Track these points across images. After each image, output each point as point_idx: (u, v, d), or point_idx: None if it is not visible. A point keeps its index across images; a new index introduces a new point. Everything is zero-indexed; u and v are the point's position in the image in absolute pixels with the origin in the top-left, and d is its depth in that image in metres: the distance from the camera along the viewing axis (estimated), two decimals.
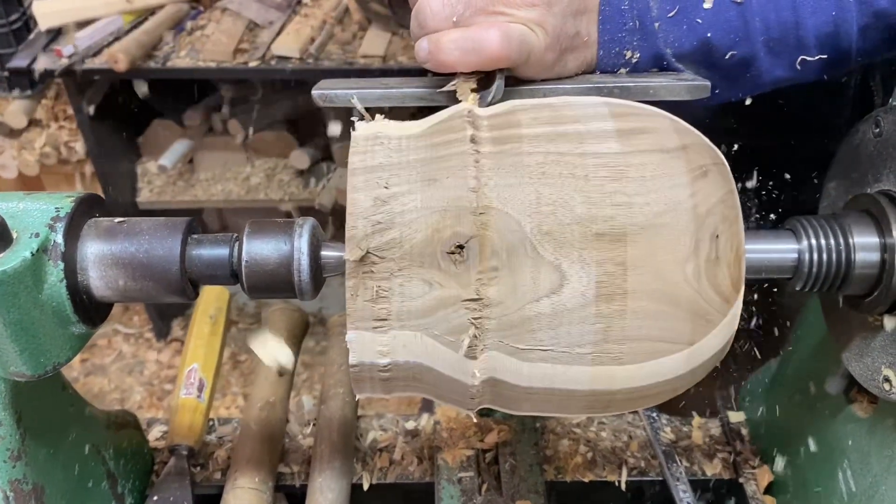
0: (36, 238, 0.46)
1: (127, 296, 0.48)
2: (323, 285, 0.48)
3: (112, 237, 0.47)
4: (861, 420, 0.61)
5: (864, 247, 0.49)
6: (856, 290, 0.50)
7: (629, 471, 0.77)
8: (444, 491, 0.74)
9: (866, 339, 0.53)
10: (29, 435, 0.54)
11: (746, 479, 0.76)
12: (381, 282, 0.44)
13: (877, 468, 0.58)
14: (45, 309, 0.47)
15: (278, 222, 0.47)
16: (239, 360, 2.34)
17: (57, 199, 0.48)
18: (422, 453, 0.78)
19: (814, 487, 0.67)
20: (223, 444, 0.80)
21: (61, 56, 1.78)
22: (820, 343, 0.65)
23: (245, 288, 0.47)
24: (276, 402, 0.80)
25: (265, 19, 1.91)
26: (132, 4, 1.88)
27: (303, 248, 0.46)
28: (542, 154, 0.45)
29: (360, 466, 0.77)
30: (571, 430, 0.80)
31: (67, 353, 0.49)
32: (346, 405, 0.80)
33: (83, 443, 0.63)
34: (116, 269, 0.47)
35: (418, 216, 0.44)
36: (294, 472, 0.77)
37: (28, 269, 0.45)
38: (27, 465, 0.54)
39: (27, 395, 0.53)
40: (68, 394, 0.62)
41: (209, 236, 0.48)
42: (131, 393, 2.27)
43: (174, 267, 0.47)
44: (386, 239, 0.44)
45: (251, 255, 0.46)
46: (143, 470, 0.75)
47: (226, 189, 2.18)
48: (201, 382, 0.79)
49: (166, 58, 1.83)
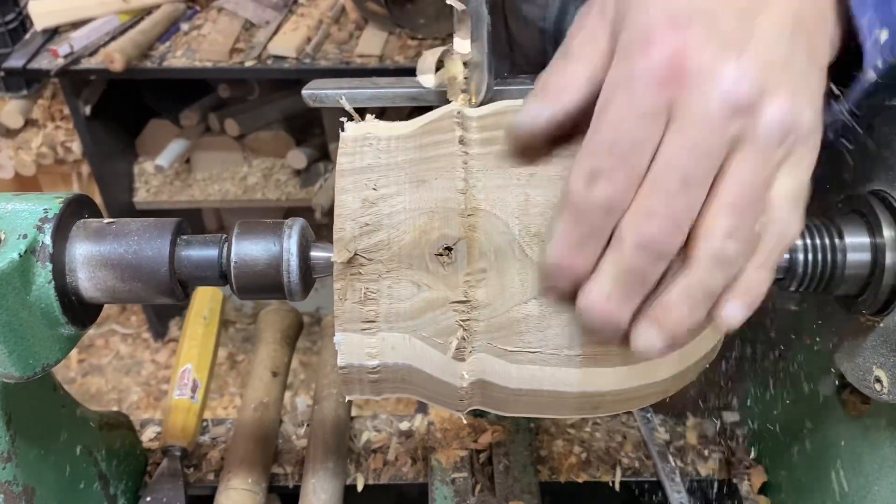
0: (24, 239, 0.46)
1: (116, 297, 0.48)
2: (313, 286, 0.48)
3: (101, 238, 0.47)
4: (854, 420, 0.61)
5: (855, 247, 0.48)
6: (847, 291, 0.50)
7: (623, 471, 0.77)
8: (437, 492, 0.74)
9: (858, 340, 0.53)
10: (19, 436, 0.54)
11: (740, 479, 0.76)
12: (369, 283, 0.44)
13: (869, 468, 0.58)
14: (34, 310, 0.46)
15: (267, 223, 0.47)
16: (236, 360, 2.34)
17: (45, 201, 0.48)
18: (416, 454, 0.78)
19: (807, 488, 0.67)
20: (216, 445, 0.80)
21: (57, 56, 1.78)
22: (813, 343, 0.65)
23: (234, 289, 0.47)
24: (269, 402, 0.80)
25: (261, 19, 1.91)
26: (128, 4, 1.88)
27: (292, 248, 0.46)
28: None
29: (353, 467, 0.77)
30: (566, 431, 0.80)
31: (57, 355, 0.49)
32: (340, 406, 0.80)
33: (75, 444, 0.63)
34: (105, 270, 0.47)
35: (406, 217, 0.44)
36: (288, 473, 0.77)
37: (16, 271, 0.45)
38: (17, 467, 0.54)
39: (17, 396, 0.53)
40: (59, 394, 0.61)
41: (198, 237, 0.48)
42: (128, 393, 2.27)
43: (163, 268, 0.47)
44: (374, 241, 0.43)
45: (240, 256, 0.46)
46: (136, 471, 0.75)
47: (223, 189, 2.18)
48: (195, 383, 0.79)
49: (162, 57, 1.83)
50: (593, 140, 0.38)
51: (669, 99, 0.37)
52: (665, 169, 0.37)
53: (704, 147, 0.37)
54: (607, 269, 0.39)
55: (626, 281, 0.39)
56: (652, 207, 0.38)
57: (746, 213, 0.38)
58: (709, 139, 0.37)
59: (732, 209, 0.38)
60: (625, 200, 0.38)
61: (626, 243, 0.38)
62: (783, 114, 0.37)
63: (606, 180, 0.38)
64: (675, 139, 0.37)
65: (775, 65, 0.38)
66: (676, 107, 0.37)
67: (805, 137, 0.39)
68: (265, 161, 2.23)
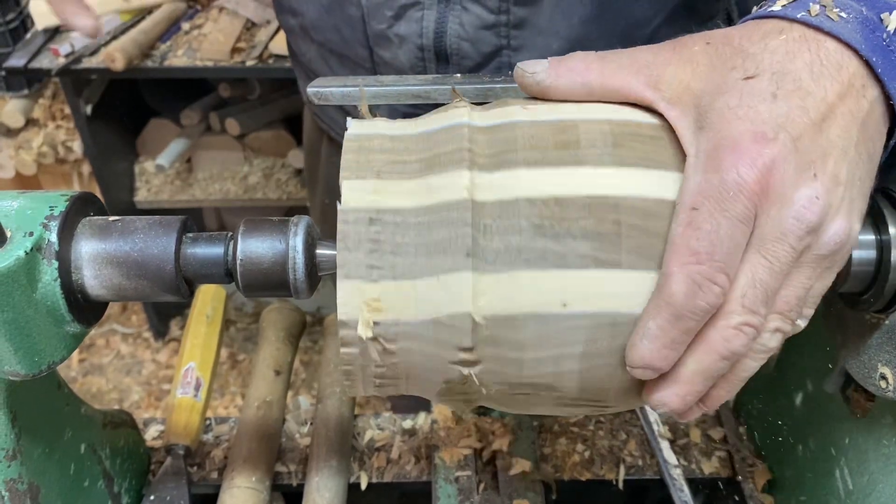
0: (30, 237, 0.46)
1: (121, 295, 0.48)
2: (318, 284, 0.48)
3: (106, 236, 0.47)
4: (858, 418, 0.61)
5: (861, 244, 0.49)
6: (852, 288, 0.50)
7: (627, 469, 0.77)
8: (441, 490, 0.74)
9: (863, 337, 0.53)
10: (24, 434, 0.54)
11: (744, 477, 0.76)
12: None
13: (874, 466, 0.58)
14: (40, 308, 0.46)
15: (273, 221, 0.47)
16: (238, 359, 2.34)
17: (51, 198, 0.48)
18: (419, 452, 0.78)
19: (811, 486, 0.67)
20: (220, 444, 0.80)
21: (58, 55, 1.78)
22: (817, 341, 0.65)
23: (240, 287, 0.47)
24: (273, 401, 0.80)
25: (262, 18, 1.91)
26: (129, 4, 1.88)
27: (298, 246, 0.46)
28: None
29: (357, 465, 0.77)
30: (569, 429, 0.80)
31: (62, 353, 0.49)
32: (343, 404, 0.80)
33: (79, 442, 0.63)
34: (111, 267, 0.47)
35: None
36: (291, 472, 0.77)
37: (22, 268, 0.45)
38: (22, 465, 0.54)
39: (22, 394, 0.53)
40: (64, 393, 0.61)
41: (204, 235, 0.48)
42: (129, 393, 2.27)
43: (169, 266, 0.47)
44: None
45: (246, 253, 0.46)
46: (140, 469, 0.75)
47: (223, 188, 2.18)
48: (198, 381, 0.79)
49: (163, 57, 1.83)
50: (691, 246, 0.40)
51: (756, 210, 0.40)
52: (752, 285, 0.40)
53: (780, 265, 0.40)
54: (690, 372, 0.42)
55: (704, 384, 0.43)
56: (743, 323, 0.41)
57: (792, 314, 0.42)
58: (784, 257, 0.40)
59: (781, 312, 0.42)
60: (719, 307, 0.41)
61: (713, 353, 0.41)
62: (843, 232, 0.41)
63: (709, 287, 0.40)
64: (755, 256, 0.40)
65: (841, 182, 0.41)
66: (758, 222, 0.40)
67: (850, 249, 0.43)
68: (266, 160, 2.23)
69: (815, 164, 0.40)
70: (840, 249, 0.42)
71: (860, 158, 0.42)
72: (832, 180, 0.40)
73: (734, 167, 0.40)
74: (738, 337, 0.41)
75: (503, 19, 0.76)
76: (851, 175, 0.41)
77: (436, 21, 0.77)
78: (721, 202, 0.40)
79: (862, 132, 0.42)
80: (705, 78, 0.43)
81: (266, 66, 1.82)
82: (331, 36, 0.86)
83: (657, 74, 0.45)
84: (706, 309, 0.40)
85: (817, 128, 0.40)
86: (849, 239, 0.42)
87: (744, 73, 0.42)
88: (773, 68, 0.41)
